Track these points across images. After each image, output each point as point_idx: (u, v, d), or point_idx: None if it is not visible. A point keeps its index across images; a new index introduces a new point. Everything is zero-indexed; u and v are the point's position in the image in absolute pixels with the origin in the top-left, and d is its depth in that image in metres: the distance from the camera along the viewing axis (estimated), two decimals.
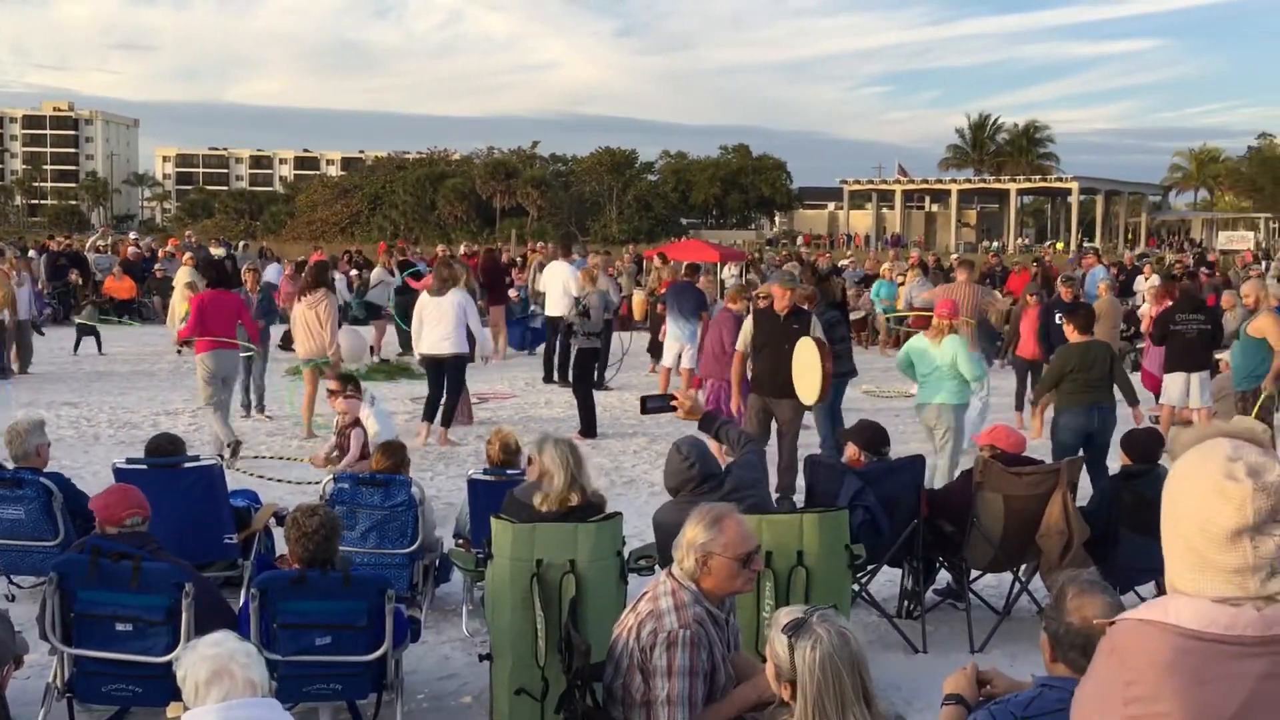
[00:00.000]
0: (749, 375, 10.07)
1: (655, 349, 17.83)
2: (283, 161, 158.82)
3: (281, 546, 5.91)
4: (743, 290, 13.52)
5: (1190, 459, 2.23)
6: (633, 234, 69.70)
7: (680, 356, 15.00)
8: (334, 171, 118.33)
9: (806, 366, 9.37)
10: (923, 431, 10.12)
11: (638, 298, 22.40)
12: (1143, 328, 17.01)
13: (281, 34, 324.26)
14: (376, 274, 21.80)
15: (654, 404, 7.19)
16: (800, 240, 74.40)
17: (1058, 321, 11.54)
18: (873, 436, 7.04)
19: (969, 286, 13.58)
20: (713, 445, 6.02)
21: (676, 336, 14.96)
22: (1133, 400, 9.76)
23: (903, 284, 21.70)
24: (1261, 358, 11.31)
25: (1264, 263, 38.37)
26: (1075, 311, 10.06)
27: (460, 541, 7.04)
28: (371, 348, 18.55)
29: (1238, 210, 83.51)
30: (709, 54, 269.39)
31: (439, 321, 12.02)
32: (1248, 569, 2.13)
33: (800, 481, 7.49)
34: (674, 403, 6.06)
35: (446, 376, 12.15)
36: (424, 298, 12.36)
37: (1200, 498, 2.17)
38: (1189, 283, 16.42)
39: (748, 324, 9.95)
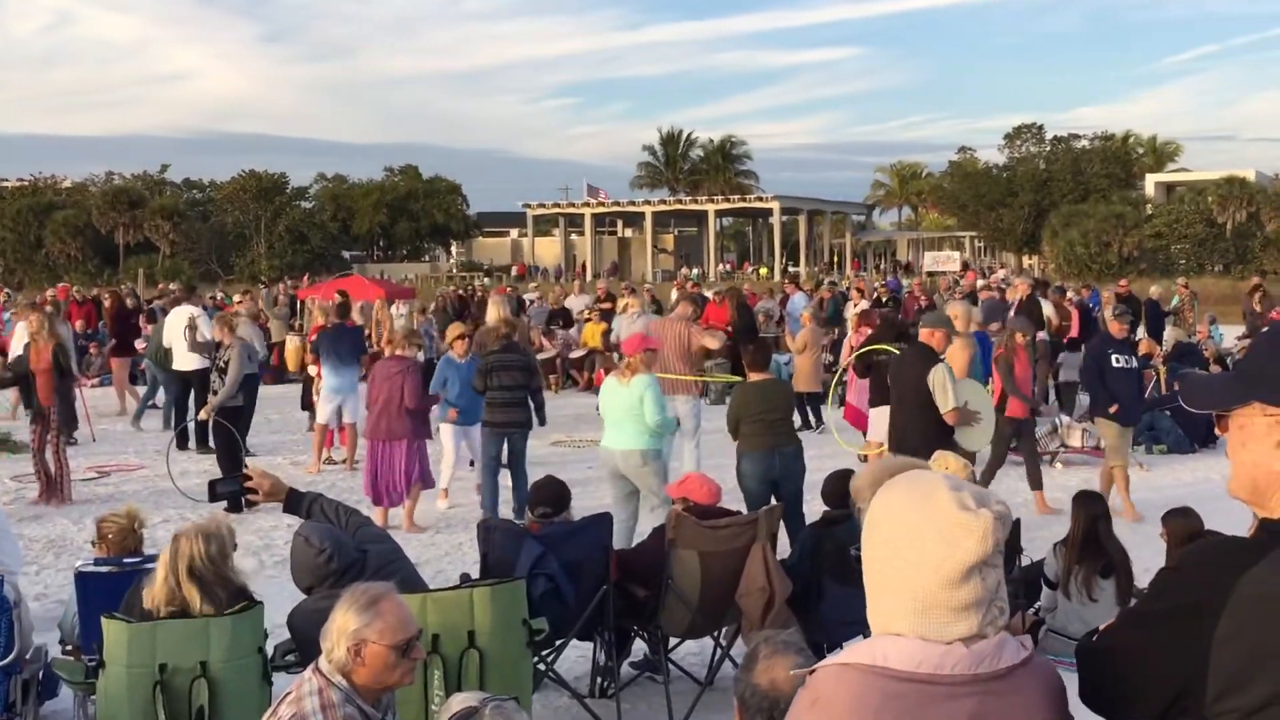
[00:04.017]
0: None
1: (310, 404, 17.26)
2: None
3: None
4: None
5: (902, 499, 2.35)
6: (285, 270, 68.07)
7: (341, 411, 14.70)
8: None
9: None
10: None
11: (291, 345, 21.92)
12: (842, 358, 17.23)
13: None
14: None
15: (224, 487, 6.90)
16: (515, 270, 74.83)
17: (1115, 364, 11.72)
18: (551, 494, 7.10)
19: (683, 324, 12.63)
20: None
21: (335, 388, 14.60)
22: None
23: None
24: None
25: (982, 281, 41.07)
26: (754, 347, 10.50)
27: (69, 648, 6.67)
28: None
29: (942, 229, 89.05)
30: (372, 63, 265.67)
31: None
32: (973, 605, 2.26)
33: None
34: (249, 484, 5.74)
35: None
36: None
37: (935, 536, 2.27)
38: (890, 310, 17.41)
39: (947, 375, 9.69)
